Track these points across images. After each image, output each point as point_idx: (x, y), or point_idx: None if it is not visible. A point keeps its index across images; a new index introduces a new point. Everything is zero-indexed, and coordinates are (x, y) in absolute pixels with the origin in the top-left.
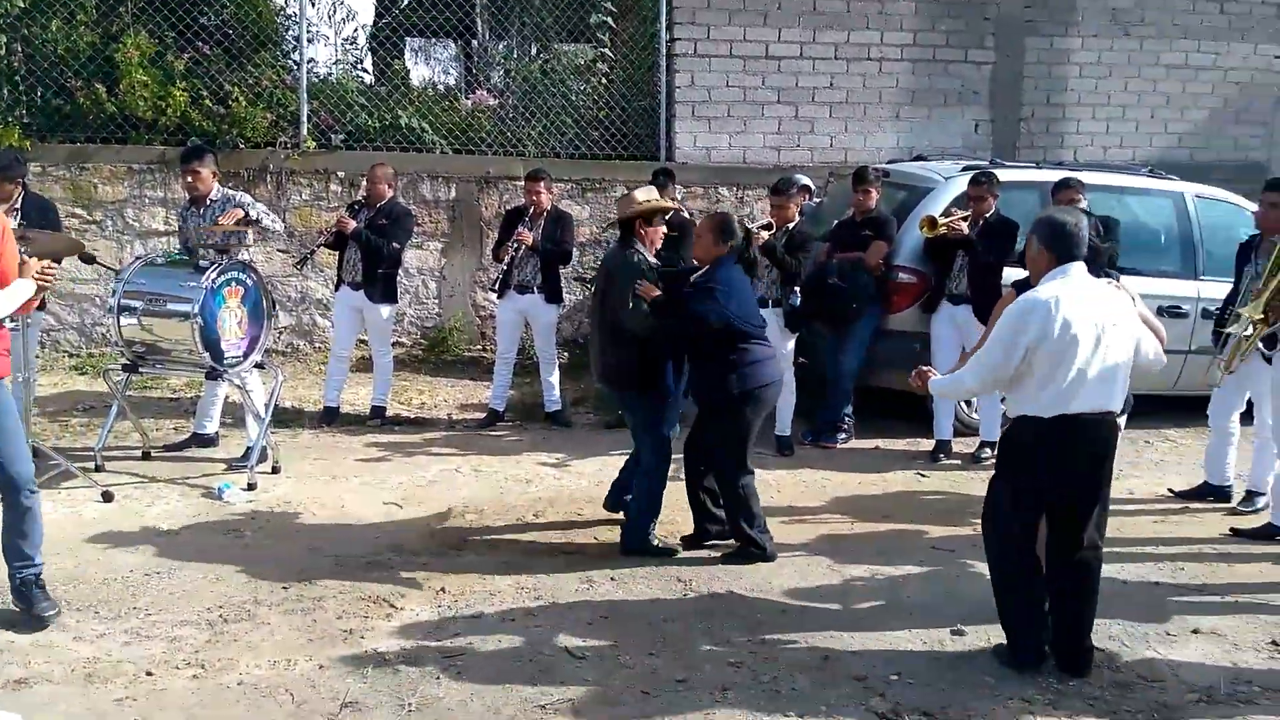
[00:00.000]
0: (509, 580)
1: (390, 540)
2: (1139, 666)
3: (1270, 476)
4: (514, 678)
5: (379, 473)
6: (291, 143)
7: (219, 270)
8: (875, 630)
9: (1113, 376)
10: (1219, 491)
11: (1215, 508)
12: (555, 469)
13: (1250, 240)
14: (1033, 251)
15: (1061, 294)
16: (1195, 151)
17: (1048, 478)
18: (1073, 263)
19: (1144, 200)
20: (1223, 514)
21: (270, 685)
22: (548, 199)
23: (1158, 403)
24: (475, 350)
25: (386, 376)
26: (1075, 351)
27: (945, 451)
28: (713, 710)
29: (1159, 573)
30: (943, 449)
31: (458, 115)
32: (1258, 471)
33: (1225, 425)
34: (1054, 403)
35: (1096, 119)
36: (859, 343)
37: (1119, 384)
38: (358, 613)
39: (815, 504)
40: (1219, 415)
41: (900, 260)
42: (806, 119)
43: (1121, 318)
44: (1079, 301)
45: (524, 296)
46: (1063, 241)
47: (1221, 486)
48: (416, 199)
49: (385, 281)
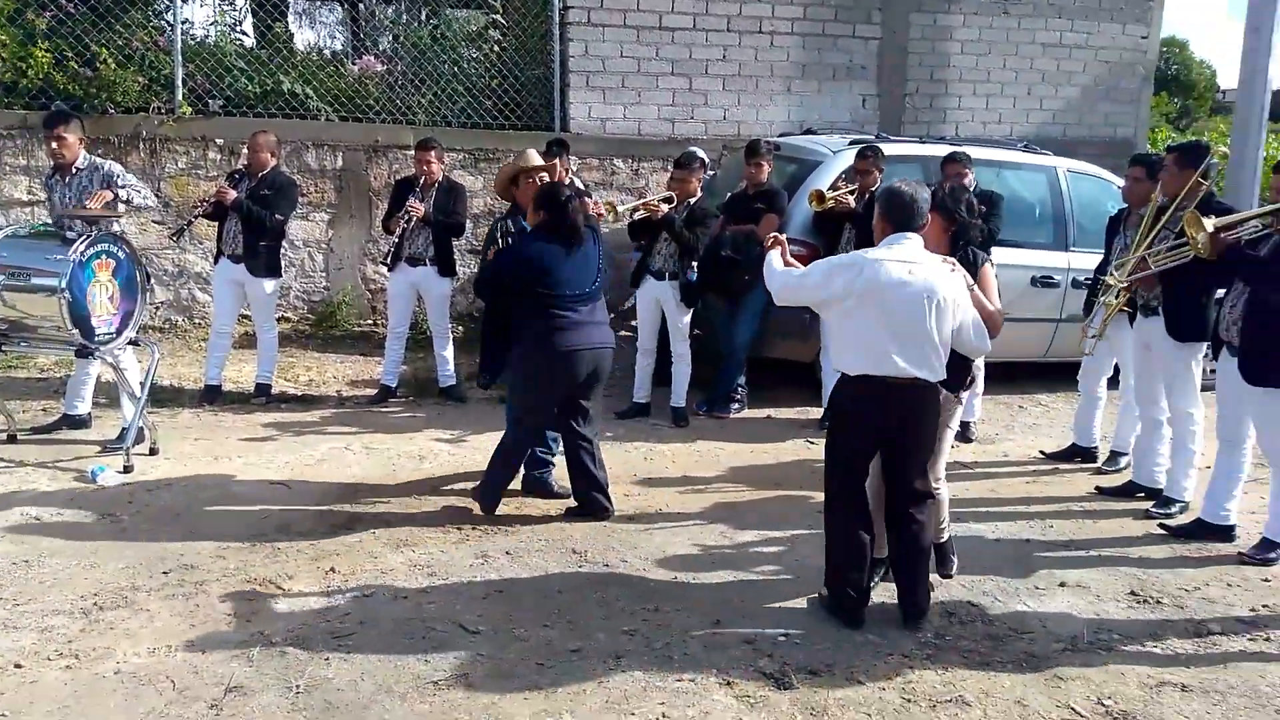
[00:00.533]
0: (401, 558)
1: (276, 521)
2: (1010, 619)
3: (1132, 438)
4: (406, 655)
5: (264, 452)
6: (166, 108)
7: (88, 242)
8: (765, 593)
9: (922, 346)
10: (1086, 453)
11: (1082, 468)
12: (450, 445)
13: (1119, 213)
14: (875, 218)
15: (884, 259)
16: (1068, 128)
17: (856, 433)
18: (907, 232)
19: (1019, 174)
20: (1089, 474)
21: (150, 673)
22: (439, 169)
23: (1031, 369)
24: (365, 325)
25: (271, 353)
26: (880, 315)
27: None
28: (606, 678)
29: (1030, 530)
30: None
31: (344, 81)
32: (1121, 433)
33: (1093, 389)
34: (859, 363)
35: (977, 95)
36: (752, 314)
37: (930, 355)
38: (243, 596)
39: (709, 473)
40: (1088, 380)
41: (790, 233)
42: (700, 91)
43: (946, 295)
44: (899, 270)
45: (416, 269)
46: (899, 212)
47: (1088, 448)
48: (301, 168)
49: (268, 254)
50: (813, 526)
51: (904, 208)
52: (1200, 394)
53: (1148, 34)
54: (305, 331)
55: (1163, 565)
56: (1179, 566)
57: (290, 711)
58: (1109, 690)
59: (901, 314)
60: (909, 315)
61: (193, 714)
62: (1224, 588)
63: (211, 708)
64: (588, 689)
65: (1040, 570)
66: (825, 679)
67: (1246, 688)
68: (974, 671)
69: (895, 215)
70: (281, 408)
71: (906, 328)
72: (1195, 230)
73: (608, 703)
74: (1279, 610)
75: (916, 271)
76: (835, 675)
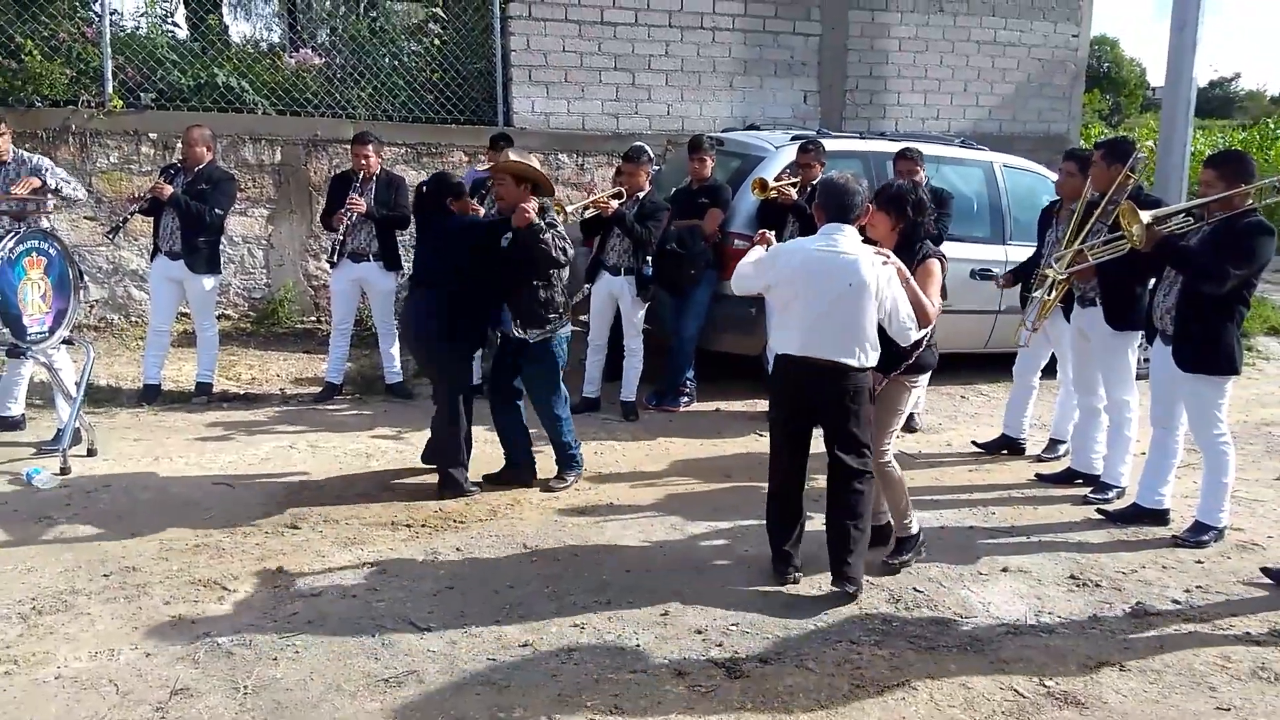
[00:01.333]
0: (349, 556)
1: (220, 521)
2: (954, 604)
3: (1070, 425)
4: (356, 654)
5: (206, 452)
6: (95, 101)
7: (16, 239)
8: (715, 584)
9: (846, 331)
10: (1013, 444)
11: (1022, 457)
12: (396, 442)
13: (1050, 206)
14: (814, 208)
15: (816, 248)
16: (1003, 123)
17: (784, 409)
18: (841, 223)
19: (958, 169)
20: (1029, 461)
21: (92, 677)
22: (377, 163)
23: (972, 360)
24: (309, 322)
25: (212, 351)
26: (808, 300)
27: None
28: (559, 671)
29: (973, 517)
30: None
31: (281, 74)
32: (1060, 422)
33: (1028, 380)
34: (785, 343)
35: (915, 91)
36: (699, 308)
37: (852, 341)
38: (187, 597)
39: (659, 466)
40: (1023, 370)
41: (735, 227)
42: (643, 86)
43: (872, 284)
44: (829, 259)
45: (359, 265)
46: (833, 203)
47: (1016, 439)
48: (238, 162)
49: (208, 250)
50: (762, 517)
51: (838, 199)
52: (1135, 382)
53: (1078, 32)
54: (246, 329)
55: (1101, 549)
56: (1117, 550)
57: (238, 712)
58: (1050, 671)
59: (827, 300)
60: (834, 302)
61: (137, 717)
62: (1160, 570)
63: (157, 710)
64: (540, 683)
65: (983, 556)
66: (776, 667)
67: (1182, 666)
68: (920, 655)
69: (830, 206)
70: (224, 407)
71: (831, 314)
72: (1131, 222)
73: (560, 696)
74: (1211, 591)
75: (846, 261)
76: (785, 663)
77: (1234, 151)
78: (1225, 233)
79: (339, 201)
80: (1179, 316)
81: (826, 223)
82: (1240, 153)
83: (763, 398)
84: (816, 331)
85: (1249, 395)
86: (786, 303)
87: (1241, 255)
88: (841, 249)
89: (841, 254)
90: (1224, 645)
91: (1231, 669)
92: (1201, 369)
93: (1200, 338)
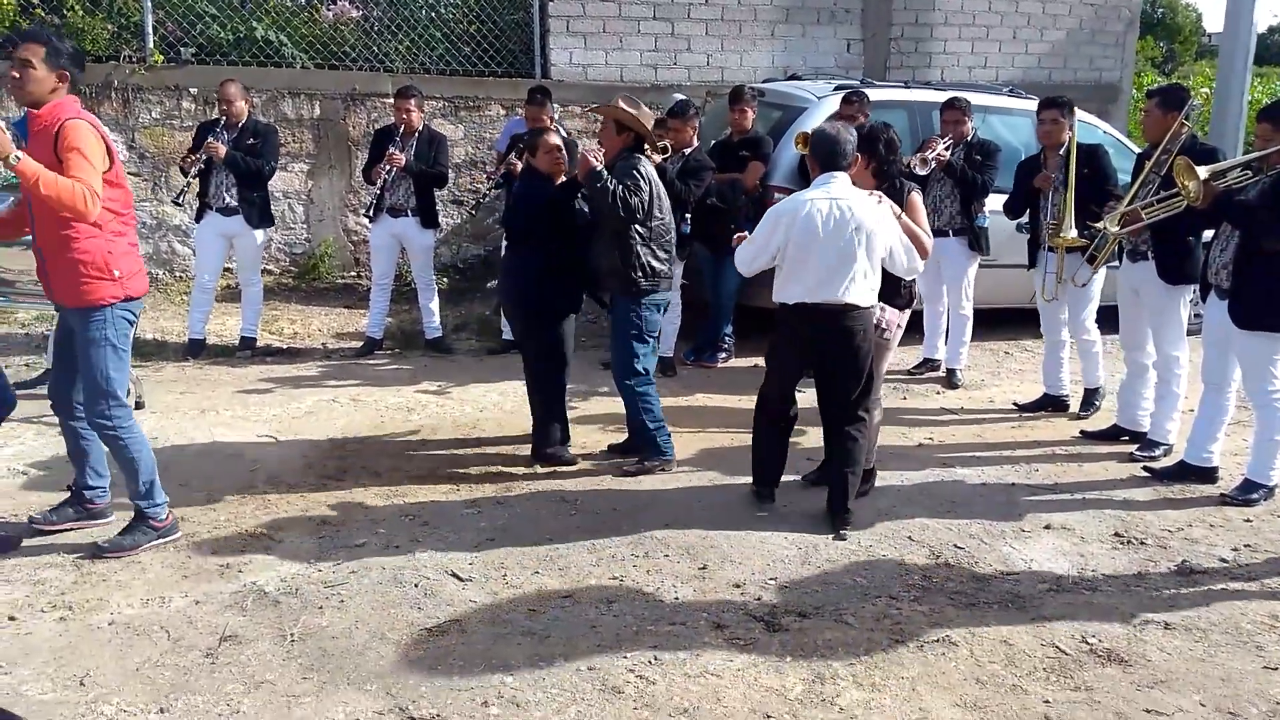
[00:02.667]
0: (391, 508)
1: (266, 473)
2: (996, 560)
3: (1099, 372)
4: (399, 603)
5: (251, 405)
6: (137, 56)
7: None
8: (752, 539)
9: (853, 274)
10: (1056, 401)
11: (1065, 414)
12: (437, 396)
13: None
14: (806, 160)
15: (816, 198)
16: (1054, 72)
17: (789, 356)
18: (835, 172)
19: (1005, 120)
20: (1071, 418)
21: (144, 623)
22: (419, 118)
23: (1017, 315)
24: (349, 277)
25: (257, 306)
26: (816, 249)
27: None
28: (598, 621)
29: (1015, 474)
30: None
31: (319, 28)
32: (1089, 373)
33: (1056, 337)
34: (797, 292)
35: (962, 39)
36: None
37: (861, 281)
38: (234, 547)
39: (697, 422)
40: (1050, 329)
41: (776, 180)
42: (683, 36)
43: (873, 226)
44: (828, 206)
45: (398, 220)
46: (824, 152)
47: (1059, 396)
48: (278, 117)
49: (261, 203)
50: (799, 472)
51: (829, 148)
52: (1186, 338)
53: None
54: (288, 284)
55: (1146, 507)
56: (1162, 508)
57: (285, 659)
58: (1093, 629)
59: (835, 249)
60: (842, 249)
61: (188, 663)
62: (1206, 528)
63: (206, 656)
64: (580, 634)
65: (1026, 513)
66: (814, 621)
67: (1228, 625)
68: (961, 611)
69: (822, 156)
70: (267, 361)
71: (839, 258)
72: (1187, 179)
73: (600, 646)
74: (1260, 549)
75: (843, 206)
76: (824, 617)
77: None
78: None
79: (379, 156)
80: (1236, 272)
81: (821, 173)
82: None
83: None
84: (827, 277)
85: None
86: (795, 257)
87: None
88: (838, 196)
89: (841, 200)
90: (1272, 603)
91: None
92: (1259, 326)
93: (1259, 293)
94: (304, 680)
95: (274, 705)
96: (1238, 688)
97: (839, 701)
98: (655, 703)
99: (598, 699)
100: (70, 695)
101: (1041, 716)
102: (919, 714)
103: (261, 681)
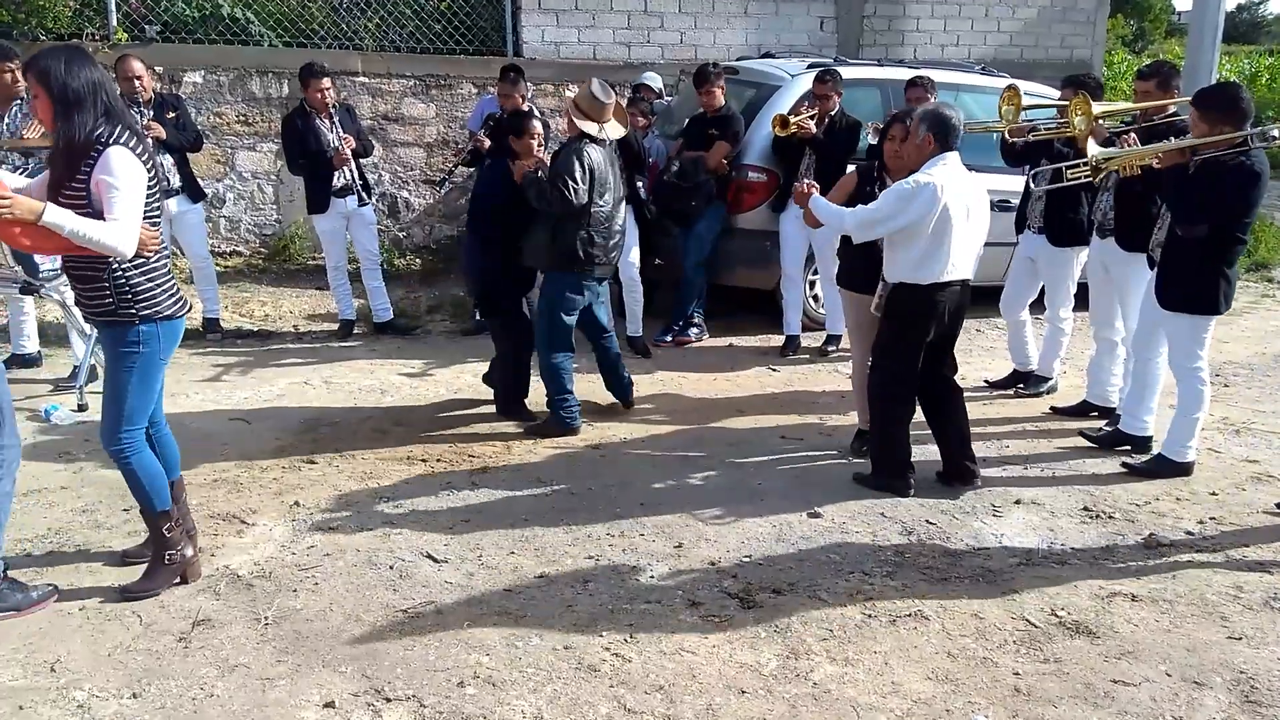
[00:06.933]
0: (365, 491)
1: (237, 456)
2: (967, 536)
3: (1056, 359)
4: (374, 585)
5: (221, 388)
6: (100, 34)
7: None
8: (727, 517)
9: (974, 250)
10: (1025, 377)
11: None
12: (410, 379)
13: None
14: (918, 139)
15: (944, 180)
16: (1025, 50)
17: (922, 334)
18: (950, 152)
19: (978, 98)
20: (1043, 395)
21: (115, 609)
22: (331, 96)
23: (989, 293)
24: (320, 258)
25: (214, 283)
26: (951, 229)
27: (794, 347)
28: (574, 600)
29: (986, 450)
30: (792, 344)
31: (286, 5)
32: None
33: (1016, 315)
34: (938, 271)
35: (935, 17)
36: (700, 241)
37: (976, 255)
38: (206, 531)
39: (673, 402)
40: (1010, 308)
41: (750, 160)
42: (655, 14)
43: (983, 201)
44: (957, 186)
45: (344, 200)
46: (945, 131)
47: (1027, 372)
48: (245, 96)
49: (193, 179)
50: (774, 452)
51: (947, 127)
52: None
53: None
54: (259, 266)
55: (1114, 481)
56: (1130, 482)
57: (260, 642)
58: (1062, 602)
59: (978, 223)
60: (982, 223)
61: (161, 647)
62: (1173, 502)
63: (179, 641)
64: (556, 613)
65: (996, 489)
66: (788, 597)
67: (1194, 596)
68: (932, 586)
69: (942, 135)
70: (237, 343)
71: (978, 234)
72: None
73: (576, 625)
74: (1225, 522)
75: (965, 186)
76: (798, 594)
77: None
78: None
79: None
80: (1164, 252)
81: (940, 152)
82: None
83: (776, 332)
84: (969, 253)
85: (1268, 328)
86: (938, 236)
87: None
88: (963, 176)
89: (964, 180)
90: (1236, 574)
91: (1244, 599)
92: (1182, 307)
93: (1182, 276)
94: (278, 663)
95: (248, 688)
96: (1203, 658)
97: (813, 676)
98: (631, 680)
99: (574, 677)
100: (41, 681)
101: (1012, 688)
102: (891, 687)
103: (236, 665)
